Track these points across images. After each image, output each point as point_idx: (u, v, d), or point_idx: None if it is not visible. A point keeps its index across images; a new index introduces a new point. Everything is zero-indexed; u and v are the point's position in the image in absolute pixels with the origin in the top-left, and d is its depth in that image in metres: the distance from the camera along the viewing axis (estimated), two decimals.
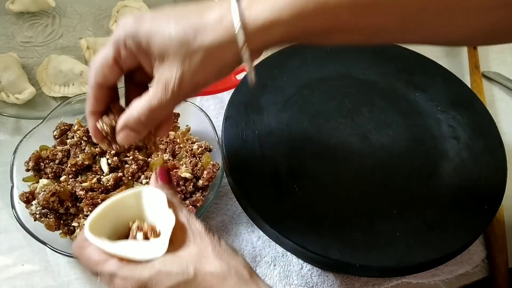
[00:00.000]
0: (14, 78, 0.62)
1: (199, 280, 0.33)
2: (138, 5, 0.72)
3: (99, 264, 0.35)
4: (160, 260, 0.33)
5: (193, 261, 0.33)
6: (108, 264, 0.34)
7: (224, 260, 0.34)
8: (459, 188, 0.49)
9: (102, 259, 0.35)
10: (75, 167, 0.52)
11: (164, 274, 0.33)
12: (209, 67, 0.33)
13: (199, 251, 0.34)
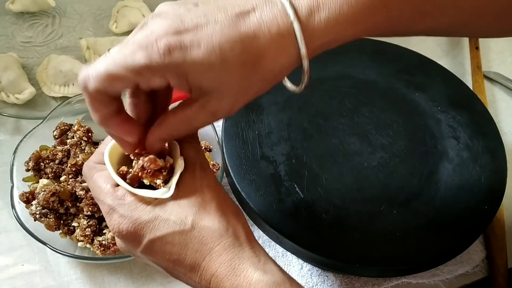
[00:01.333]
0: (14, 78, 0.62)
1: (194, 233, 0.32)
2: (138, 5, 0.72)
3: (103, 193, 0.34)
4: (160, 205, 0.33)
5: (193, 212, 0.32)
6: (111, 196, 0.34)
7: (225, 217, 0.33)
8: (459, 188, 0.49)
9: (107, 188, 0.34)
10: (75, 167, 0.52)
11: (161, 220, 0.32)
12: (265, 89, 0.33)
13: (202, 203, 0.33)
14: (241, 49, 0.28)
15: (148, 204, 0.33)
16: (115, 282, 0.51)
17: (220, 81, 0.29)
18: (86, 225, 0.48)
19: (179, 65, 0.28)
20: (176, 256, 0.32)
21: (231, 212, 0.34)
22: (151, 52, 0.28)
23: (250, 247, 0.33)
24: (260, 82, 0.32)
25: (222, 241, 0.32)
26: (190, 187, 0.34)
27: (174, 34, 0.28)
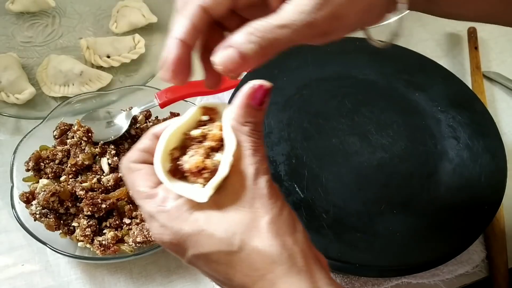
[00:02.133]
0: (14, 78, 0.62)
1: (242, 256, 0.28)
2: (138, 5, 0.72)
3: (141, 198, 0.31)
4: (205, 216, 0.29)
5: (242, 230, 0.28)
6: (150, 202, 0.30)
7: (280, 238, 0.28)
8: (459, 188, 0.49)
9: (145, 193, 0.31)
10: (75, 167, 0.52)
11: (205, 235, 0.28)
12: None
13: (253, 219, 0.28)
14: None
15: (191, 213, 0.29)
16: (115, 282, 0.51)
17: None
18: (86, 225, 0.48)
19: None
20: (223, 275, 0.29)
21: (288, 232, 0.29)
22: None
23: (309, 276, 0.28)
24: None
25: (275, 268, 0.28)
26: (240, 197, 0.29)
27: None
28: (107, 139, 0.55)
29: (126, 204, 0.51)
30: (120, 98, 0.60)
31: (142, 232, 0.48)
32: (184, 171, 0.30)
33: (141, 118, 0.57)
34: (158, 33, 0.73)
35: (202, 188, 0.30)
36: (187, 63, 0.31)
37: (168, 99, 0.57)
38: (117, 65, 0.67)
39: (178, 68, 0.31)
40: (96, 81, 0.65)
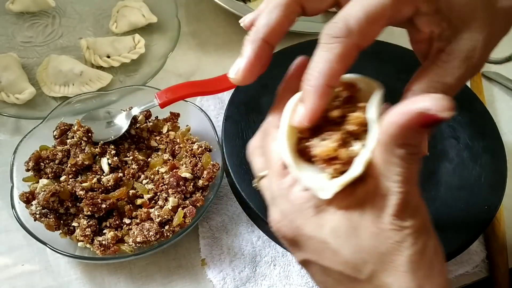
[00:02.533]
0: (14, 78, 0.62)
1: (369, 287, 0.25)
2: (138, 5, 0.72)
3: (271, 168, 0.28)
4: (333, 224, 0.25)
5: (376, 261, 0.25)
6: (276, 181, 0.28)
7: (417, 281, 0.24)
8: (459, 188, 0.49)
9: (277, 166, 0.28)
10: (75, 167, 0.52)
11: (329, 249, 0.25)
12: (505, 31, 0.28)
13: (391, 251, 0.24)
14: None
15: (317, 213, 0.26)
16: (115, 282, 0.51)
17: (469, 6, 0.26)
18: (86, 225, 0.48)
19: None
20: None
21: (428, 274, 0.25)
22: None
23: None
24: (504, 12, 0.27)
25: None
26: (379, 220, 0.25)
27: None
28: (107, 139, 0.55)
29: (126, 204, 0.51)
30: (120, 98, 0.60)
31: (142, 232, 0.48)
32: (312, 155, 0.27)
33: (141, 118, 0.57)
34: (158, 33, 0.73)
35: (329, 180, 0.26)
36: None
37: (168, 99, 0.57)
38: (117, 65, 0.67)
39: (256, 70, 0.30)
40: (96, 81, 0.65)
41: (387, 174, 0.25)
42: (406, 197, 0.25)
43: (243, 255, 0.53)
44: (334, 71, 0.26)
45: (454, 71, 0.27)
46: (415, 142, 0.24)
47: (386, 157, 0.25)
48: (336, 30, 0.26)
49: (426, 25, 0.27)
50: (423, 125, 0.23)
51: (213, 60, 0.72)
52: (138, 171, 0.54)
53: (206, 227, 0.54)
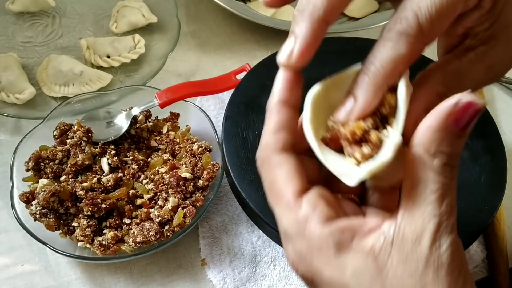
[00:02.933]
0: (14, 78, 0.62)
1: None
2: (138, 5, 0.72)
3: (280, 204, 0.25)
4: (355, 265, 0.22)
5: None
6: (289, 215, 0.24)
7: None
8: (459, 188, 0.49)
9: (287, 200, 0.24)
10: (75, 167, 0.52)
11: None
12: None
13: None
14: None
15: (338, 251, 0.23)
16: (115, 282, 0.51)
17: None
18: (86, 225, 0.48)
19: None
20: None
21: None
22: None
23: None
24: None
25: None
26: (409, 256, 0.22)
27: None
28: (107, 139, 0.55)
29: (126, 204, 0.51)
30: (120, 98, 0.60)
31: (142, 232, 0.48)
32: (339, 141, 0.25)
33: (141, 118, 0.57)
34: (158, 33, 0.73)
35: (356, 166, 0.24)
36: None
37: (168, 99, 0.57)
38: (117, 65, 0.67)
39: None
40: (96, 81, 0.65)
41: (421, 197, 0.22)
42: (444, 221, 0.22)
43: (243, 255, 0.53)
44: (397, 71, 0.24)
45: (475, 74, 0.26)
46: (453, 149, 0.22)
47: (420, 173, 0.22)
48: (406, 27, 0.23)
49: (471, 20, 0.25)
50: (459, 121, 0.21)
51: (213, 60, 0.72)
52: (138, 171, 0.54)
53: (206, 227, 0.54)
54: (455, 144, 0.22)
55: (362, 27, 0.70)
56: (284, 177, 0.25)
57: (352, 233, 0.23)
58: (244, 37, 0.75)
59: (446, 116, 0.21)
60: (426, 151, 0.22)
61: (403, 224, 0.22)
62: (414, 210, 0.22)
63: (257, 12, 0.73)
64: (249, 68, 0.61)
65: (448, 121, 0.21)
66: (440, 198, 0.22)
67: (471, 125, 0.22)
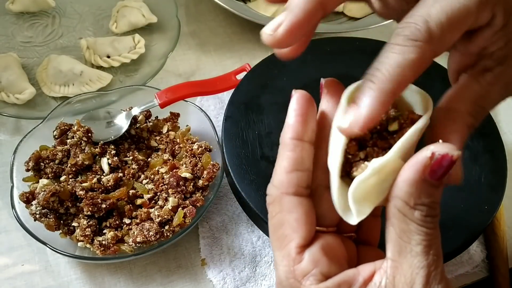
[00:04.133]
0: (14, 78, 0.62)
1: None
2: (138, 5, 0.72)
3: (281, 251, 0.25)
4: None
5: None
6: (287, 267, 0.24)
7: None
8: (459, 188, 0.49)
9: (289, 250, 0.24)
10: (75, 167, 0.52)
11: None
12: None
13: None
14: None
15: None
16: (115, 282, 0.51)
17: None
18: (86, 225, 0.48)
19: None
20: None
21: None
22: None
23: None
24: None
25: None
26: None
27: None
28: (107, 139, 0.55)
29: (126, 204, 0.51)
30: (120, 98, 0.60)
31: (142, 232, 0.48)
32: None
33: (141, 118, 0.57)
34: (158, 33, 0.73)
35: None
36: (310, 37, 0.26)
37: (168, 99, 0.57)
38: (117, 65, 0.67)
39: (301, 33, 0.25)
40: (96, 81, 0.65)
41: (406, 248, 0.22)
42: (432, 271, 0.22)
43: (243, 255, 0.53)
44: (404, 78, 0.23)
45: (494, 96, 0.25)
46: (431, 199, 0.22)
47: (402, 226, 0.22)
48: (415, 32, 0.22)
49: (485, 38, 0.25)
50: (435, 173, 0.21)
51: (213, 60, 0.72)
52: (138, 171, 0.54)
53: (206, 227, 0.54)
54: (433, 195, 0.22)
55: (362, 27, 0.70)
56: (293, 223, 0.24)
57: (348, 287, 0.24)
58: (244, 37, 0.75)
59: (422, 169, 0.22)
60: (405, 204, 0.22)
61: (392, 276, 0.23)
62: (402, 261, 0.23)
63: (257, 12, 0.73)
64: (249, 68, 0.61)
65: (424, 174, 0.22)
66: (425, 249, 0.22)
67: (447, 174, 0.22)
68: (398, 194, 0.22)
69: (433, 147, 0.22)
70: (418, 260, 0.22)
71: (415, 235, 0.22)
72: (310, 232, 0.25)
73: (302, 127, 0.26)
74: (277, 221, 0.25)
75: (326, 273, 0.24)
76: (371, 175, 0.23)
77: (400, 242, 0.23)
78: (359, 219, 0.23)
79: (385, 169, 0.23)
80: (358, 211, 0.23)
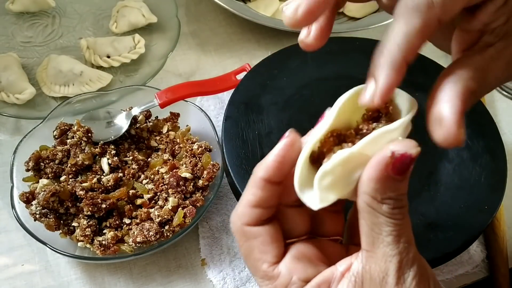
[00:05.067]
0: (14, 78, 0.62)
1: None
2: (138, 5, 0.72)
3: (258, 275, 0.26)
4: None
5: None
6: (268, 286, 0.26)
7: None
8: (459, 188, 0.49)
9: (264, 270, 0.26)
10: (75, 167, 0.52)
11: None
12: None
13: None
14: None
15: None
16: (115, 282, 0.51)
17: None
18: (86, 225, 0.48)
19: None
20: None
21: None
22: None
23: None
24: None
25: None
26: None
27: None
28: (107, 139, 0.55)
29: (126, 204, 0.51)
30: (120, 98, 0.60)
31: (142, 232, 0.48)
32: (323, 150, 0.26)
33: (141, 118, 0.57)
34: (158, 33, 0.73)
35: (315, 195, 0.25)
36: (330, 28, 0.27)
37: (168, 99, 0.57)
38: (117, 65, 0.67)
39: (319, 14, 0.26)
40: (96, 81, 0.65)
41: (378, 239, 0.24)
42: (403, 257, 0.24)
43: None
44: (413, 45, 0.24)
45: (497, 71, 0.25)
46: (397, 193, 0.23)
47: (372, 219, 0.24)
48: (417, 1, 0.23)
49: (487, 14, 0.25)
50: (397, 169, 0.23)
51: (213, 60, 0.72)
52: (138, 171, 0.54)
53: (206, 227, 0.54)
54: (399, 188, 0.23)
55: (362, 27, 0.70)
56: (261, 247, 0.26)
57: (327, 285, 0.25)
58: (244, 37, 0.75)
59: (384, 167, 0.23)
60: (373, 199, 0.23)
61: (368, 265, 0.24)
62: (375, 251, 0.24)
63: (257, 12, 0.73)
64: (249, 68, 0.61)
65: (387, 171, 0.23)
66: (396, 238, 0.24)
67: (410, 169, 0.23)
68: (365, 190, 0.24)
69: (392, 147, 0.23)
70: (390, 249, 0.23)
71: (385, 226, 0.23)
72: (279, 248, 0.26)
73: (276, 172, 0.26)
74: (246, 249, 0.27)
75: (305, 278, 0.25)
76: (336, 165, 0.24)
77: (372, 233, 0.24)
78: (322, 205, 0.24)
79: (351, 162, 0.24)
80: (321, 198, 0.24)
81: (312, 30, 0.27)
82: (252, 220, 0.26)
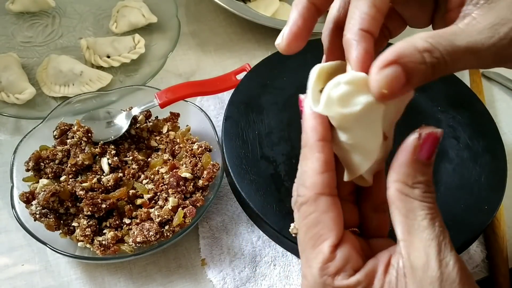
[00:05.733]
0: (14, 78, 0.62)
1: None
2: (138, 5, 0.72)
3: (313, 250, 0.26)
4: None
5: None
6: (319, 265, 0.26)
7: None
8: (459, 188, 0.49)
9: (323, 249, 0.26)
10: (75, 167, 0.52)
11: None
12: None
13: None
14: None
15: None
16: (115, 282, 0.51)
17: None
18: (86, 225, 0.48)
19: None
20: None
21: None
22: None
23: None
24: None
25: None
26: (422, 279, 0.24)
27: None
28: (107, 139, 0.55)
29: (126, 204, 0.51)
30: (120, 98, 0.61)
31: (142, 232, 0.48)
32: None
33: (141, 118, 0.57)
34: (158, 33, 0.73)
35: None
36: (310, 31, 0.29)
37: (168, 99, 0.57)
38: (117, 65, 0.67)
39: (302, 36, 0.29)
40: (96, 81, 0.65)
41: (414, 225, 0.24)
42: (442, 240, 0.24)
43: (243, 255, 0.53)
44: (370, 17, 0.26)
45: (473, 34, 0.24)
46: (426, 177, 0.25)
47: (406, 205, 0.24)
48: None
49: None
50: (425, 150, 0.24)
51: (213, 60, 0.72)
52: (138, 171, 0.54)
53: (206, 227, 0.54)
54: (427, 173, 0.25)
55: None
56: (329, 223, 0.26)
57: (372, 276, 0.26)
58: (244, 37, 0.75)
59: (413, 151, 0.24)
60: (405, 185, 0.25)
61: (407, 255, 0.24)
62: (413, 238, 0.24)
63: (257, 12, 0.73)
64: (249, 68, 0.61)
65: (416, 154, 0.24)
66: (431, 221, 0.25)
67: (434, 153, 0.25)
68: (397, 177, 0.25)
69: (418, 130, 0.25)
70: (426, 233, 0.24)
71: (419, 211, 0.24)
72: (342, 231, 0.27)
73: (324, 129, 0.28)
74: (312, 220, 0.26)
75: (357, 267, 0.26)
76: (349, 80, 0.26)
77: (407, 221, 0.25)
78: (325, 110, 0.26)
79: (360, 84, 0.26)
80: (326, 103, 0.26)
81: (284, 34, 0.29)
82: (325, 187, 0.26)
